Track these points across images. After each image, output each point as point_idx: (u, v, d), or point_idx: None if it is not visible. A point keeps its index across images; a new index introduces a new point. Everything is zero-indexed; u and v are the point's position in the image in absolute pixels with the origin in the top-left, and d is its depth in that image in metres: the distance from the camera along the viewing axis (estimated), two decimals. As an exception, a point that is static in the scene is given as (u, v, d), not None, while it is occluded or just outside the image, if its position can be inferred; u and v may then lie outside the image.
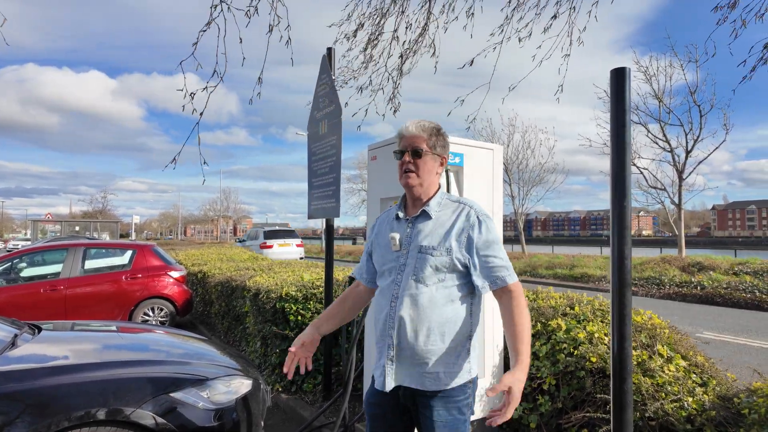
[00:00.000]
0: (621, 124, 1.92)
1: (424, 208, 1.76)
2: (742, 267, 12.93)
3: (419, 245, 1.71)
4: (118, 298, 7.16)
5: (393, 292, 1.72)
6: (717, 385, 2.72)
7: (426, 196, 1.78)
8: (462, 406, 1.70)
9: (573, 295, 3.70)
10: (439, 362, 1.68)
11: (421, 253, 1.70)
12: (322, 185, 4.25)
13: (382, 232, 1.87)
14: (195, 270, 9.47)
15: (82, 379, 2.31)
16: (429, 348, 1.67)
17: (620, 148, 1.92)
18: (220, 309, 7.34)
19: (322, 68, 4.27)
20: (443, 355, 1.68)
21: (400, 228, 1.80)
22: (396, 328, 1.69)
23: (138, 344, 3.29)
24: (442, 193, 1.80)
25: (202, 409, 2.46)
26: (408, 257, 1.72)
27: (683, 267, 13.79)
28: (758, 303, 10.19)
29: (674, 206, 16.87)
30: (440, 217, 1.74)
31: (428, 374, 1.68)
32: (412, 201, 1.82)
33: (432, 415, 1.67)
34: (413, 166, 1.74)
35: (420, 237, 1.72)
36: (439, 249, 1.68)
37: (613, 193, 1.93)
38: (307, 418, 3.85)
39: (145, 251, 7.70)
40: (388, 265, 1.78)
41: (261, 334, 4.96)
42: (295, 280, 5.16)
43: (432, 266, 1.67)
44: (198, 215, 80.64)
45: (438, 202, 1.77)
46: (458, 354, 1.71)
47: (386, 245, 1.81)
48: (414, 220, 1.77)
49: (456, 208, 1.75)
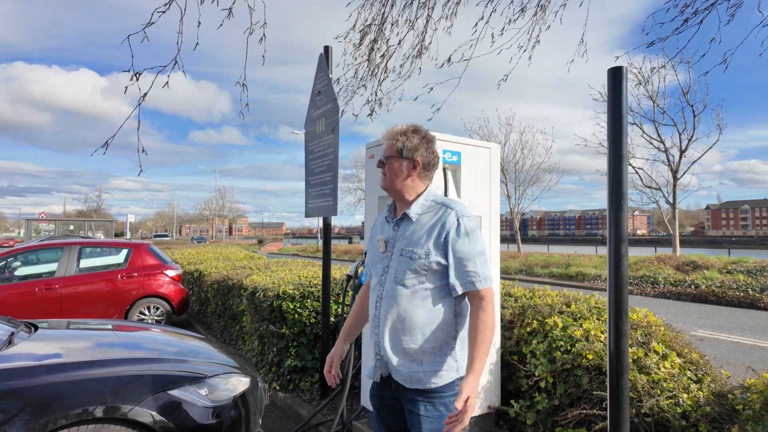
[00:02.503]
0: (618, 123, 1.93)
1: (406, 211, 1.79)
2: (735, 266, 13.05)
3: (401, 248, 1.76)
4: (114, 297, 7.13)
5: (378, 292, 1.79)
6: (711, 382, 2.75)
7: (408, 199, 1.81)
8: (449, 403, 1.72)
9: (569, 294, 3.72)
10: (422, 362, 1.71)
11: (402, 256, 1.74)
12: (319, 184, 4.25)
13: (375, 233, 1.94)
14: (191, 269, 9.45)
15: (80, 377, 2.31)
16: (411, 347, 1.71)
17: (617, 146, 1.93)
18: (216, 308, 7.33)
19: (320, 67, 4.27)
20: (426, 354, 1.71)
21: (387, 230, 1.85)
22: (380, 327, 1.76)
23: (135, 342, 3.28)
24: (427, 195, 1.82)
25: (201, 406, 2.46)
26: (391, 259, 1.78)
27: (678, 266, 13.89)
28: (751, 301, 10.28)
29: (669, 206, 16.98)
30: (421, 220, 1.77)
31: (413, 373, 1.72)
32: (399, 204, 1.86)
33: (418, 410, 1.71)
34: (383, 171, 1.82)
35: (402, 240, 1.77)
36: (418, 252, 1.71)
37: (610, 192, 1.95)
38: (304, 416, 3.86)
39: (141, 250, 7.67)
40: (376, 266, 1.85)
41: (258, 332, 4.96)
42: (293, 278, 5.16)
43: (411, 269, 1.71)
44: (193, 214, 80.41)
45: (421, 205, 1.79)
46: (443, 353, 1.73)
47: (375, 247, 1.88)
48: (399, 223, 1.82)
49: (437, 210, 1.76)
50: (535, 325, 3.28)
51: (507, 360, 3.35)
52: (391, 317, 1.73)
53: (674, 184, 16.21)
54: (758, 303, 10.14)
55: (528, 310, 3.43)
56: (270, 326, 4.59)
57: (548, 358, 3.08)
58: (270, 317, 4.65)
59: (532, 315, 3.37)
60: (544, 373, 3.06)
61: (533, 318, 3.34)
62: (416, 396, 1.72)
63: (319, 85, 4.27)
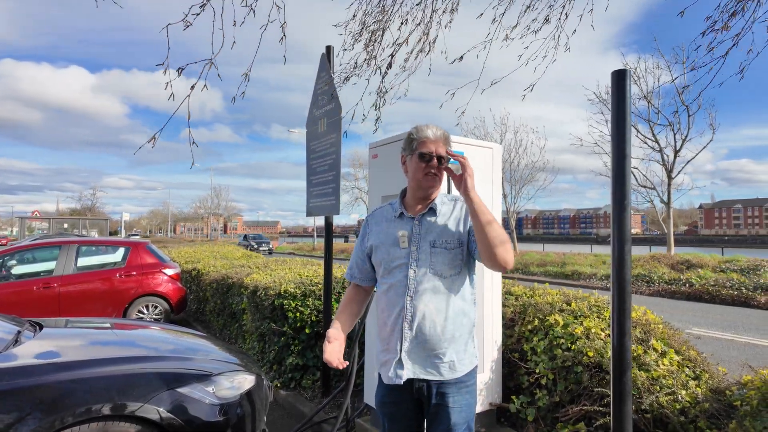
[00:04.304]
0: (622, 124, 1.97)
1: (432, 206, 1.85)
2: (729, 265, 13.19)
3: (431, 241, 1.80)
4: (112, 296, 7.13)
5: (407, 286, 1.79)
6: (709, 379, 2.80)
7: (435, 196, 1.89)
8: (472, 390, 1.83)
9: (569, 292, 3.76)
10: (453, 351, 1.78)
11: (435, 248, 1.79)
12: (321, 183, 4.27)
13: (382, 231, 1.91)
14: (189, 267, 9.44)
15: (88, 375, 2.33)
16: (446, 337, 1.77)
17: (621, 147, 1.97)
18: (215, 306, 7.33)
19: (321, 66, 4.28)
20: (456, 343, 1.79)
21: (405, 225, 1.86)
22: (413, 321, 1.77)
23: (138, 340, 3.29)
24: (441, 192, 1.93)
25: (208, 404, 2.48)
26: (420, 252, 1.80)
27: (672, 265, 14.02)
28: (744, 300, 10.40)
29: (663, 205, 17.12)
30: (445, 213, 1.86)
31: (444, 364, 1.77)
32: (418, 200, 1.88)
33: (448, 402, 1.76)
34: (438, 171, 1.84)
35: (431, 233, 1.82)
36: (452, 242, 1.80)
37: (613, 191, 1.99)
38: (306, 413, 3.88)
39: (139, 248, 7.67)
40: (397, 261, 1.83)
41: (259, 331, 4.98)
42: (293, 277, 5.18)
43: (448, 259, 1.78)
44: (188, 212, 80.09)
45: (441, 201, 1.89)
46: (467, 341, 1.83)
47: (392, 243, 1.86)
48: (421, 218, 1.85)
49: (452, 204, 1.89)
50: (536, 323, 3.32)
51: (508, 357, 3.39)
52: (430, 309, 1.76)
53: (669, 184, 16.34)
54: (751, 301, 10.26)
55: (529, 308, 3.47)
56: (271, 324, 4.61)
57: (549, 356, 3.13)
58: (271, 315, 4.67)
59: (533, 313, 3.41)
60: (544, 370, 3.10)
61: (534, 316, 3.39)
62: (443, 389, 1.77)
63: (320, 84, 4.29)
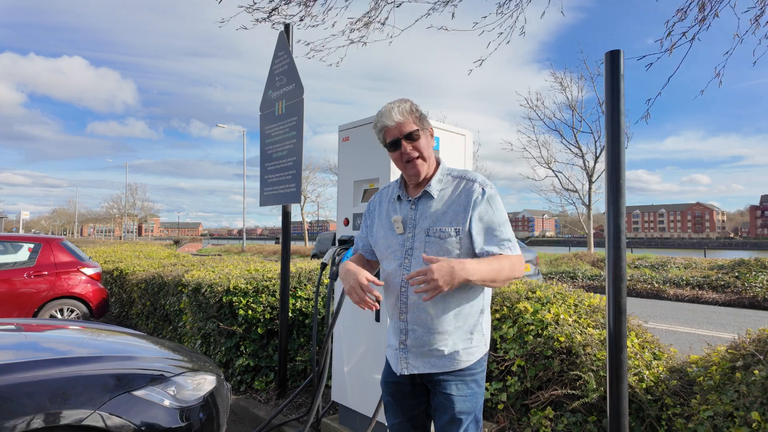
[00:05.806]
0: (616, 105, 1.98)
1: (426, 189, 1.67)
2: (641, 261, 14.45)
3: (425, 228, 1.63)
4: (18, 299, 6.24)
5: (402, 276, 1.64)
6: (669, 359, 2.95)
7: (427, 175, 1.70)
8: (479, 378, 1.69)
9: (531, 281, 3.82)
10: (455, 342, 1.63)
11: (429, 236, 1.61)
12: (278, 169, 4.00)
13: (383, 212, 1.76)
14: (110, 268, 8.57)
15: (15, 381, 1.92)
16: (445, 329, 1.62)
17: (615, 129, 1.98)
18: (143, 309, 6.69)
19: (280, 45, 4.02)
20: (459, 334, 1.64)
21: (403, 209, 1.71)
22: (408, 313, 1.63)
23: (62, 342, 2.81)
24: (441, 168, 1.72)
25: (168, 408, 2.16)
26: (415, 240, 1.64)
27: (593, 262, 15.11)
28: (656, 293, 11.43)
29: (584, 207, 18.44)
30: (443, 196, 1.66)
31: (445, 357, 1.63)
32: (414, 184, 1.73)
33: (450, 391, 1.63)
34: (415, 152, 1.64)
35: (425, 219, 1.64)
36: (448, 230, 1.60)
37: (608, 174, 1.99)
38: (262, 417, 3.60)
39: (52, 245, 6.79)
40: (392, 248, 1.68)
41: (202, 332, 4.56)
42: (242, 272, 4.82)
43: (443, 249, 1.60)
44: (99, 212, 73.55)
45: (439, 180, 1.69)
46: (472, 330, 1.67)
47: (389, 228, 1.71)
48: (417, 201, 1.68)
49: (458, 184, 1.67)
50: (505, 311, 3.32)
51: (477, 347, 3.36)
52: (425, 303, 1.59)
53: (590, 188, 17.65)
54: (662, 294, 11.30)
55: (496, 297, 3.47)
56: (219, 324, 4.24)
57: (519, 343, 3.13)
58: (218, 314, 4.30)
59: (501, 301, 3.41)
60: (515, 358, 3.10)
61: (502, 304, 3.39)
62: (447, 377, 1.63)
63: (278, 64, 4.02)
